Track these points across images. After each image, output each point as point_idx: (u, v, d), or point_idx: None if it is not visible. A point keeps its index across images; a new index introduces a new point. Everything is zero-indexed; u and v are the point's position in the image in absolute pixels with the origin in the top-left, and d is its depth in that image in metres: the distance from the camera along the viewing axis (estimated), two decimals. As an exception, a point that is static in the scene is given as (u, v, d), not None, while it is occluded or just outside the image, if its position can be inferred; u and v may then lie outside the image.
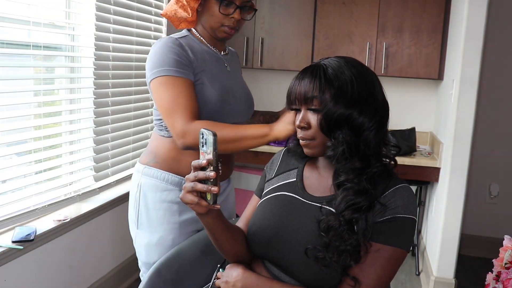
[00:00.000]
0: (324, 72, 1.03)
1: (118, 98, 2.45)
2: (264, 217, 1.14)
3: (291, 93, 1.07)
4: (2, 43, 1.82)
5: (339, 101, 1.01)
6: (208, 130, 0.95)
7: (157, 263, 1.35)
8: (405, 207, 1.01)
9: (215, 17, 1.43)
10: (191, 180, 0.96)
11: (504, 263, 2.06)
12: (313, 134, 1.05)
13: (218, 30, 1.45)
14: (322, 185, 1.11)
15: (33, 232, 1.84)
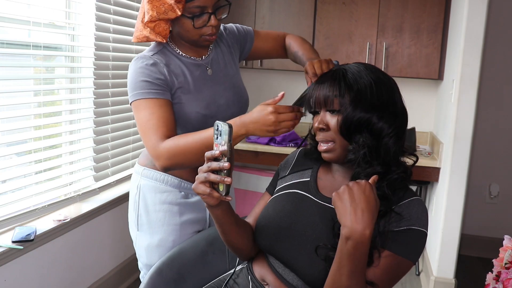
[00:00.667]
0: (344, 76, 1.05)
1: (118, 98, 2.45)
2: (274, 212, 1.14)
3: (311, 96, 1.09)
4: (2, 43, 1.82)
5: (358, 104, 1.02)
6: (224, 122, 0.96)
7: (158, 263, 1.35)
8: (419, 220, 1.01)
9: (191, 31, 1.34)
10: (204, 170, 0.97)
11: (504, 263, 2.06)
12: (332, 136, 1.06)
13: (199, 41, 1.37)
14: (335, 188, 1.10)
15: (33, 232, 1.84)
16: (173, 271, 1.33)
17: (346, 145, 1.05)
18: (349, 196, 0.90)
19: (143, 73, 1.33)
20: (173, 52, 1.42)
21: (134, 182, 1.52)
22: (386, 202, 1.00)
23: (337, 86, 1.05)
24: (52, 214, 2.06)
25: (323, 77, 1.10)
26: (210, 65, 1.46)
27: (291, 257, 1.07)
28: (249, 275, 1.19)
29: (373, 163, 1.01)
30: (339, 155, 1.07)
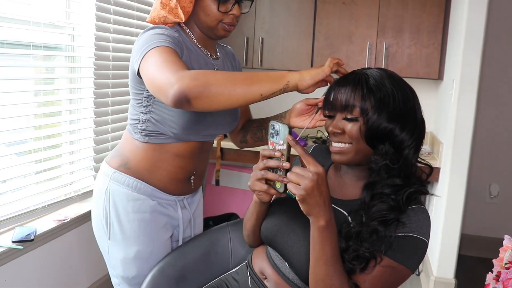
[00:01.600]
0: (366, 82, 1.03)
1: (118, 98, 2.45)
2: (279, 205, 1.15)
3: (330, 98, 1.07)
4: (2, 43, 1.82)
5: (381, 113, 1.01)
6: (282, 123, 0.97)
7: (161, 262, 1.35)
8: (419, 228, 1.01)
9: (212, 15, 1.30)
10: (260, 168, 0.98)
11: (504, 263, 2.06)
12: (348, 140, 1.05)
13: (216, 29, 1.33)
14: (343, 190, 1.12)
15: (33, 232, 1.84)
16: (175, 270, 1.33)
17: (362, 150, 1.04)
18: (318, 192, 0.93)
19: (161, 31, 1.23)
20: (189, 36, 1.36)
21: (102, 184, 1.39)
22: (398, 212, 0.99)
23: (359, 91, 1.02)
24: (52, 214, 2.06)
25: (344, 79, 1.07)
26: (218, 65, 1.44)
27: (288, 251, 1.08)
28: (248, 271, 1.20)
29: (393, 174, 1.01)
30: (351, 158, 1.06)
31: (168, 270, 1.33)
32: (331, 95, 1.07)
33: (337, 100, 1.05)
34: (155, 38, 1.20)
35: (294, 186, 0.93)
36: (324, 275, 0.96)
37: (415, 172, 1.05)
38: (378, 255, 0.97)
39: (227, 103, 1.07)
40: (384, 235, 0.97)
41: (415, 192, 1.02)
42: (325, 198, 0.94)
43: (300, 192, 0.92)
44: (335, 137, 1.06)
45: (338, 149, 1.06)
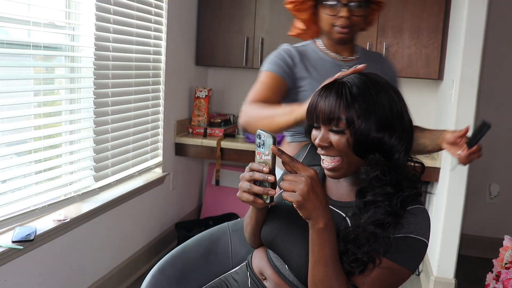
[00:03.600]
0: (350, 91, 0.99)
1: (118, 98, 2.45)
2: (279, 208, 1.15)
3: (313, 111, 1.04)
4: (2, 43, 1.82)
5: (368, 122, 0.98)
6: (267, 132, 0.97)
7: (161, 261, 1.35)
8: (418, 229, 1.00)
9: (325, 21, 1.45)
10: (247, 179, 0.99)
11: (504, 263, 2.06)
12: (336, 153, 1.02)
13: (331, 32, 1.46)
14: (339, 191, 1.11)
15: (33, 232, 1.84)
16: (175, 269, 1.33)
17: (353, 162, 1.02)
18: (314, 195, 0.93)
19: (277, 55, 1.49)
20: (317, 47, 1.53)
21: None
22: (395, 217, 0.98)
23: (343, 102, 0.99)
24: (52, 214, 2.05)
25: (326, 90, 1.03)
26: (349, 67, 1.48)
27: (287, 254, 1.08)
28: (248, 271, 1.20)
29: (384, 182, 0.99)
30: (344, 173, 1.04)
31: (168, 270, 1.33)
32: (313, 106, 1.04)
33: (321, 112, 1.01)
34: (269, 61, 1.50)
35: (290, 194, 0.93)
36: (323, 276, 0.96)
37: (407, 174, 1.03)
38: (377, 257, 0.97)
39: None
40: (383, 237, 0.97)
41: (408, 196, 1.00)
42: (322, 199, 0.94)
43: (297, 199, 0.92)
44: (323, 150, 1.03)
45: (331, 166, 1.03)
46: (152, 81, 2.79)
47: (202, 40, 3.31)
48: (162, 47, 2.88)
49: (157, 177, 2.87)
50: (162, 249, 3.02)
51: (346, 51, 1.53)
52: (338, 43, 1.50)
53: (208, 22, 3.28)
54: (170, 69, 2.96)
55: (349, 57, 1.53)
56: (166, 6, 2.85)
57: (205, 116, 3.25)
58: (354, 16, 1.43)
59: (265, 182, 0.97)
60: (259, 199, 0.99)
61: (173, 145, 3.13)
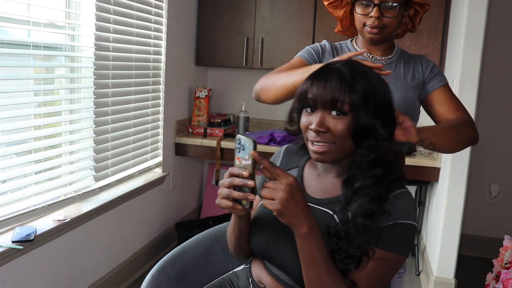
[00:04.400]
0: (351, 76, 1.01)
1: (118, 98, 2.45)
2: (263, 217, 1.14)
3: (310, 95, 1.02)
4: (2, 43, 1.82)
5: (368, 108, 1.00)
6: (247, 137, 0.98)
7: (161, 261, 1.35)
8: (405, 213, 1.01)
9: (357, 20, 1.47)
10: (226, 186, 0.99)
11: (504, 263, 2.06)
12: (332, 139, 1.01)
13: (363, 32, 1.47)
14: (322, 187, 1.11)
15: (33, 232, 1.84)
16: (175, 269, 1.33)
17: (346, 148, 1.03)
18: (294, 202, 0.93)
19: (313, 45, 1.58)
20: (352, 45, 1.57)
21: None
22: (381, 202, 0.99)
23: (347, 87, 0.99)
24: (52, 214, 2.05)
25: (323, 75, 1.03)
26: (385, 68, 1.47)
27: (282, 260, 1.08)
28: (250, 278, 1.20)
29: (376, 166, 1.00)
30: (335, 158, 1.04)
31: (168, 270, 1.33)
32: (310, 91, 1.02)
33: (322, 96, 1.00)
34: (303, 49, 1.58)
35: (269, 202, 0.93)
36: (316, 278, 0.97)
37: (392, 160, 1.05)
38: (370, 249, 0.97)
39: (273, 94, 1.37)
40: (373, 228, 0.98)
41: (396, 179, 1.02)
42: (302, 205, 0.94)
43: (276, 207, 0.92)
44: (319, 137, 1.02)
45: (322, 150, 1.02)
46: (152, 81, 2.79)
47: (202, 40, 3.31)
48: (162, 47, 2.88)
49: (157, 177, 2.87)
50: (162, 249, 3.02)
51: (379, 51, 1.52)
52: (370, 43, 1.50)
53: (208, 22, 3.28)
54: (170, 69, 2.97)
55: (379, 57, 1.52)
56: (166, 6, 2.85)
57: (205, 116, 3.25)
58: (386, 17, 1.41)
59: (245, 188, 0.97)
60: (238, 205, 0.99)
61: (173, 145, 3.13)
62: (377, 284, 1.01)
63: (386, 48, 1.53)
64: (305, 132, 1.06)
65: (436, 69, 1.55)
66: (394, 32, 1.49)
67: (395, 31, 1.48)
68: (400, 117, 1.16)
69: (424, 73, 1.53)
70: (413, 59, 1.56)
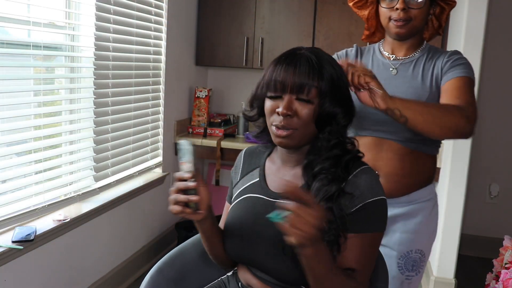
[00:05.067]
0: (318, 62, 1.02)
1: (118, 98, 2.45)
2: (233, 222, 1.14)
3: (278, 78, 1.02)
4: (2, 43, 1.82)
5: (332, 96, 1.02)
6: (186, 140, 1.02)
7: (159, 262, 1.35)
8: (371, 190, 1.01)
9: (382, 15, 1.45)
10: (174, 191, 1.01)
11: (504, 263, 2.06)
12: (297, 124, 1.02)
13: (389, 27, 1.44)
14: (283, 181, 1.11)
15: (33, 232, 1.84)
16: (173, 270, 1.33)
17: (309, 133, 1.03)
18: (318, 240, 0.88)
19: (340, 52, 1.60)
20: (376, 49, 1.55)
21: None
22: (339, 183, 1.00)
23: (315, 72, 1.00)
24: (52, 214, 2.05)
25: (290, 59, 1.02)
26: (398, 66, 1.47)
27: (260, 262, 1.08)
28: (239, 282, 1.20)
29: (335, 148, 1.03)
30: (298, 142, 1.05)
31: (166, 271, 1.32)
32: (278, 75, 1.02)
33: (290, 80, 1.00)
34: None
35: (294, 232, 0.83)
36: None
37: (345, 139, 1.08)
38: (342, 232, 0.99)
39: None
40: (340, 216, 0.99)
41: (353, 158, 1.04)
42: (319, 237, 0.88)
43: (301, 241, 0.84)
44: (285, 120, 1.01)
45: (286, 133, 1.02)
46: (152, 81, 2.79)
47: (202, 40, 3.31)
48: (162, 47, 2.88)
49: (157, 177, 2.87)
50: (162, 249, 3.02)
51: (403, 49, 1.49)
52: (397, 39, 1.47)
53: (208, 22, 3.28)
54: (170, 69, 2.96)
55: (403, 56, 1.48)
56: (166, 6, 2.85)
57: (205, 116, 3.25)
58: (412, 9, 1.39)
59: (190, 190, 1.00)
60: (187, 208, 1.02)
61: (173, 145, 3.13)
62: (367, 264, 1.03)
63: (412, 44, 1.48)
64: (269, 117, 1.05)
65: (458, 61, 1.42)
66: (421, 26, 1.45)
67: (421, 25, 1.45)
68: (367, 78, 1.18)
69: (443, 66, 1.43)
70: (438, 54, 1.47)
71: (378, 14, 1.51)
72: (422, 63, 1.47)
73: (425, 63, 1.47)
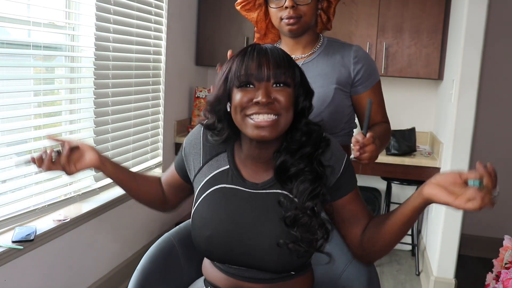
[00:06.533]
0: (284, 53, 1.03)
1: (118, 98, 2.45)
2: (212, 218, 1.06)
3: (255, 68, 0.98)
4: (2, 43, 1.82)
5: (303, 87, 1.04)
6: None
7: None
8: (340, 154, 1.08)
9: (273, 16, 1.45)
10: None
11: (504, 263, 2.06)
12: (280, 109, 0.99)
13: (281, 27, 1.44)
14: (261, 171, 1.08)
15: (33, 232, 1.84)
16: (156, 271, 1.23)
17: (289, 121, 1.01)
18: None
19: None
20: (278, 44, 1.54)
21: None
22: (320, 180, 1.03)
23: (288, 62, 1.02)
24: (52, 214, 2.05)
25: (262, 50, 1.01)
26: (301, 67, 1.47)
27: (250, 258, 1.04)
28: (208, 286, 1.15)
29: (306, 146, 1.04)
30: (280, 131, 1.00)
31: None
32: (250, 66, 0.99)
33: (266, 68, 0.98)
34: None
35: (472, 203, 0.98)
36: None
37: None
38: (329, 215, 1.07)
39: None
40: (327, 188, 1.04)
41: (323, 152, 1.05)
42: None
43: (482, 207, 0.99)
44: (266, 108, 0.97)
45: (269, 122, 0.98)
46: (152, 81, 2.79)
47: (202, 40, 3.31)
48: (162, 47, 2.88)
49: (157, 177, 2.87)
50: (162, 249, 3.02)
51: (301, 47, 1.50)
52: (292, 37, 1.48)
53: (208, 22, 3.29)
54: (170, 69, 2.96)
55: (302, 55, 1.50)
56: (166, 6, 2.85)
57: (205, 116, 3.25)
58: (301, 6, 1.40)
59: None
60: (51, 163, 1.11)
61: (173, 145, 3.13)
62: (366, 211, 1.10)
63: (308, 42, 1.50)
64: (242, 110, 0.99)
65: (369, 69, 1.48)
66: (312, 22, 1.47)
67: (312, 20, 1.47)
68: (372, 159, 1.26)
69: (354, 72, 1.47)
70: (341, 51, 1.49)
71: (267, 16, 1.51)
72: (325, 60, 1.49)
73: (329, 60, 1.49)
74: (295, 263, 1.03)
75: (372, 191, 3.31)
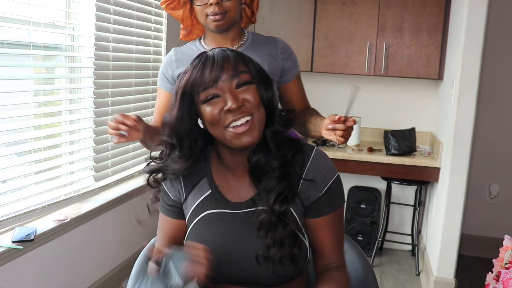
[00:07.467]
0: (232, 52, 1.02)
1: (118, 98, 2.45)
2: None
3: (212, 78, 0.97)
4: (2, 43, 1.82)
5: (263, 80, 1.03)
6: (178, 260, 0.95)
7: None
8: (329, 171, 1.05)
9: (199, 13, 1.46)
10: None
11: (504, 263, 2.06)
12: (252, 108, 0.98)
13: (208, 23, 1.46)
14: (243, 189, 1.07)
15: (33, 232, 1.84)
16: None
17: (261, 117, 1.00)
18: None
19: (162, 66, 1.59)
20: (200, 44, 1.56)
21: None
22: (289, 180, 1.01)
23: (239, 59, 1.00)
24: (52, 214, 2.05)
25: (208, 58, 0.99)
26: None
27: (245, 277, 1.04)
28: None
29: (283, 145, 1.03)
30: (259, 132, 1.00)
31: None
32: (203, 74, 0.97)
33: (223, 75, 0.97)
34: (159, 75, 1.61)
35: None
36: None
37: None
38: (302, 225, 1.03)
39: None
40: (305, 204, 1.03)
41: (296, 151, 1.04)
42: None
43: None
44: (239, 112, 0.96)
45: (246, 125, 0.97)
46: (152, 81, 2.79)
47: (202, 40, 3.31)
48: (162, 47, 2.88)
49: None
50: (162, 249, 3.01)
51: (228, 42, 1.52)
52: (219, 33, 1.49)
53: (208, 22, 3.28)
54: (170, 69, 2.96)
55: (233, 46, 1.52)
56: (166, 6, 2.85)
57: (205, 116, 3.25)
58: (225, 2, 1.42)
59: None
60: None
61: (173, 145, 3.13)
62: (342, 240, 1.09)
63: (234, 36, 1.53)
64: (218, 122, 0.98)
65: (294, 59, 1.60)
66: (237, 16, 1.49)
67: (237, 15, 1.49)
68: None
69: (283, 62, 1.56)
70: (267, 44, 1.57)
71: (192, 13, 1.53)
72: (253, 53, 1.48)
73: (257, 53, 1.51)
74: (289, 272, 1.02)
75: (372, 191, 3.31)
